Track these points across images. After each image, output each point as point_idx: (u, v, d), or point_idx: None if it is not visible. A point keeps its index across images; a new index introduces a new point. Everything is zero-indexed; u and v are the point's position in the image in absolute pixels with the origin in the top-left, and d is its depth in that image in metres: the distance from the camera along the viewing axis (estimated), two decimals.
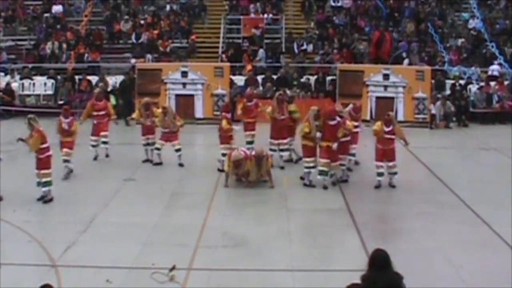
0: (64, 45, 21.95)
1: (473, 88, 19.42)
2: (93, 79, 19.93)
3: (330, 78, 19.64)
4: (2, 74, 20.82)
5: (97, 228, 9.37)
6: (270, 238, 9.02)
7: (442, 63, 20.91)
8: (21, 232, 9.15)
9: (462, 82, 19.74)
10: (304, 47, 22.24)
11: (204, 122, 17.95)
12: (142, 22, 23.53)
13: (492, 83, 19.36)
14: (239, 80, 19.83)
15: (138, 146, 13.61)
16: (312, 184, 11.56)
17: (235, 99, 17.69)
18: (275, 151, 12.93)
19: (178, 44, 22.67)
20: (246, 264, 8.08)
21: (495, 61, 20.80)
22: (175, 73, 18.41)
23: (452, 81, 19.66)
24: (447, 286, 7.48)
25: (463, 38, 22.47)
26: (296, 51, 22.08)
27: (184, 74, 18.34)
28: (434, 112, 18.02)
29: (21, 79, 20.42)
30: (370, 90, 18.17)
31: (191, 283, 7.51)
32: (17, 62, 21.85)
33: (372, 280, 4.92)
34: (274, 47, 22.58)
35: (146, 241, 8.83)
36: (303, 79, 20.10)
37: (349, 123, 11.66)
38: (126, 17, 23.55)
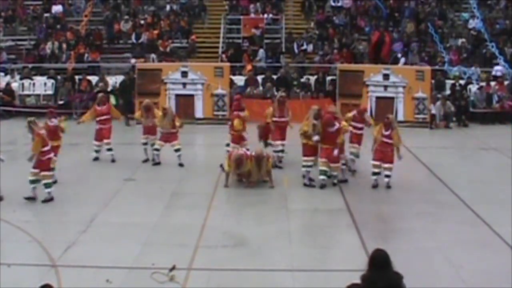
0: (64, 45, 21.95)
1: (473, 88, 19.42)
2: (93, 79, 19.93)
3: (330, 78, 19.63)
4: (2, 74, 20.82)
5: (97, 228, 9.36)
6: (270, 238, 9.01)
7: (442, 63, 20.90)
8: (21, 232, 9.14)
9: (462, 82, 19.73)
10: (304, 47, 22.22)
11: (204, 122, 17.97)
12: (142, 22, 23.52)
13: (492, 83, 19.36)
14: (239, 80, 19.83)
15: (138, 146, 13.62)
16: (313, 184, 11.56)
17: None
18: (282, 151, 12.95)
19: (178, 44, 22.66)
20: (246, 264, 8.07)
21: (500, 61, 20.76)
22: (175, 73, 18.41)
23: (452, 81, 19.65)
24: (447, 286, 7.48)
25: (463, 38, 22.43)
26: (296, 51, 22.06)
27: (184, 74, 18.34)
28: (434, 112, 18.01)
29: (21, 79, 20.41)
30: (370, 90, 18.17)
31: (191, 283, 7.51)
32: (17, 62, 21.84)
33: (372, 280, 4.92)
34: (274, 47, 22.57)
35: (146, 241, 8.83)
36: (303, 79, 20.10)
37: (344, 123, 11.68)
38: (126, 17, 23.54)
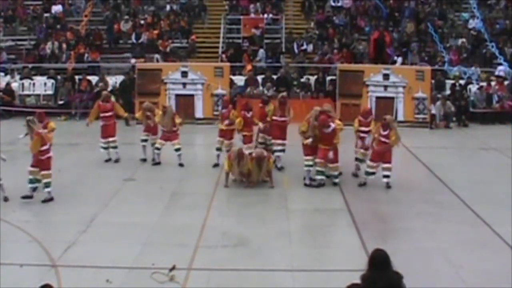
0: (64, 45, 21.93)
1: (473, 88, 19.41)
2: (93, 79, 19.91)
3: (330, 78, 19.62)
4: (2, 74, 20.80)
5: (97, 228, 9.36)
6: (270, 238, 9.01)
7: (442, 63, 20.89)
8: (21, 232, 9.14)
9: (462, 82, 19.73)
10: (304, 47, 22.21)
11: (204, 122, 17.95)
12: (142, 22, 23.51)
13: (493, 83, 19.36)
14: (239, 80, 19.81)
15: (138, 146, 13.61)
16: (313, 184, 11.56)
17: (235, 99, 17.70)
18: (283, 151, 12.93)
19: (178, 44, 22.65)
20: (246, 264, 8.07)
21: (501, 61, 20.75)
22: (175, 73, 18.40)
23: (452, 81, 19.63)
24: (447, 286, 7.48)
25: (463, 38, 22.43)
26: (296, 51, 22.05)
27: (184, 74, 18.32)
28: (434, 112, 18.00)
29: (21, 79, 20.39)
30: (370, 90, 18.16)
31: (191, 283, 7.51)
32: (17, 62, 21.82)
33: (372, 280, 4.92)
34: (274, 47, 22.56)
35: (146, 241, 8.83)
36: (303, 79, 20.09)
37: (338, 121, 11.65)
38: (126, 17, 23.54)
